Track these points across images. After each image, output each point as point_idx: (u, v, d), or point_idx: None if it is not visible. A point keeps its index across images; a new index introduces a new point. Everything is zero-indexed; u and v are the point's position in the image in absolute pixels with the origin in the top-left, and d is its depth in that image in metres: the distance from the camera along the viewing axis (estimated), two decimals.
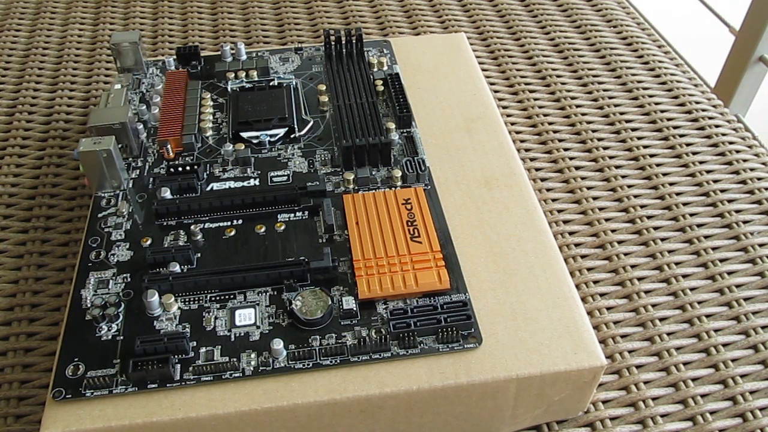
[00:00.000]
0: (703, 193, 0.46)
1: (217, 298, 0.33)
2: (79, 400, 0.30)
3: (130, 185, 0.39)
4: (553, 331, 0.32)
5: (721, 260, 0.42)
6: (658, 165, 0.48)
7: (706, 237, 0.43)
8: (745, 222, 0.44)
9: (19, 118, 0.51)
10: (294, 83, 0.46)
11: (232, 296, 0.33)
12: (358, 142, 0.39)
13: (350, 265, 0.34)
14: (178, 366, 0.31)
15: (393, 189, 0.38)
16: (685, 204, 0.45)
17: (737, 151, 0.49)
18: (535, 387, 0.32)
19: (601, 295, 0.40)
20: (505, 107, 0.52)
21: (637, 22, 0.61)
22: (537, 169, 0.47)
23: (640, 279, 0.41)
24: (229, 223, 0.37)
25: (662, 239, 0.43)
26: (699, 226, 0.44)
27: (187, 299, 0.33)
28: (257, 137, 0.41)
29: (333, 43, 0.47)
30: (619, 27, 0.60)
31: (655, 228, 0.44)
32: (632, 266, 0.42)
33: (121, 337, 0.32)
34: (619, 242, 0.43)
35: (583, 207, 0.45)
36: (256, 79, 0.45)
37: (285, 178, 0.39)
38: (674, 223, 0.44)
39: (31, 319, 0.39)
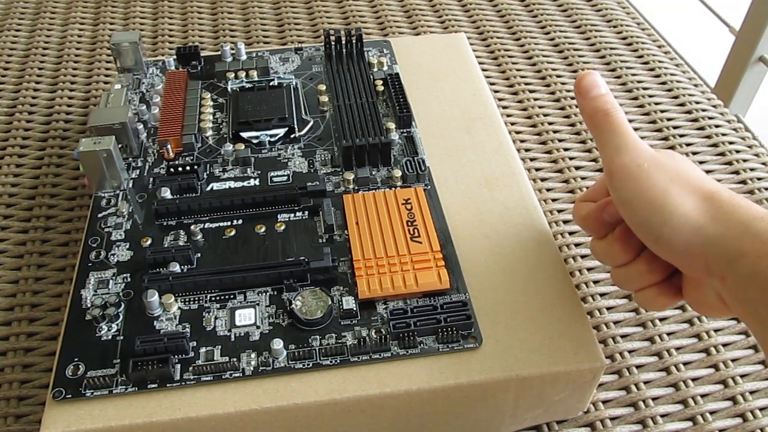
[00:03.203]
0: None
1: (217, 298, 0.33)
2: (79, 400, 0.30)
3: (130, 185, 0.39)
4: (553, 331, 0.32)
5: None
6: None
7: None
8: None
9: (19, 118, 0.51)
10: (294, 83, 0.46)
11: (232, 296, 0.33)
12: (358, 142, 0.39)
13: (350, 265, 0.34)
14: (178, 366, 0.31)
15: (393, 189, 0.38)
16: None
17: (737, 151, 0.49)
18: (535, 387, 0.32)
19: (601, 295, 0.40)
20: (505, 107, 0.52)
21: (637, 22, 0.61)
22: (537, 169, 0.47)
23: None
24: (229, 223, 0.37)
25: None
26: None
27: (187, 299, 0.33)
28: (257, 137, 0.41)
29: (333, 43, 0.47)
30: (619, 27, 0.60)
31: None
32: None
33: (121, 337, 0.32)
34: None
35: None
36: (256, 79, 0.45)
37: (285, 178, 0.39)
38: None
39: (31, 319, 0.39)
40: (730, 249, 0.26)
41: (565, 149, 0.49)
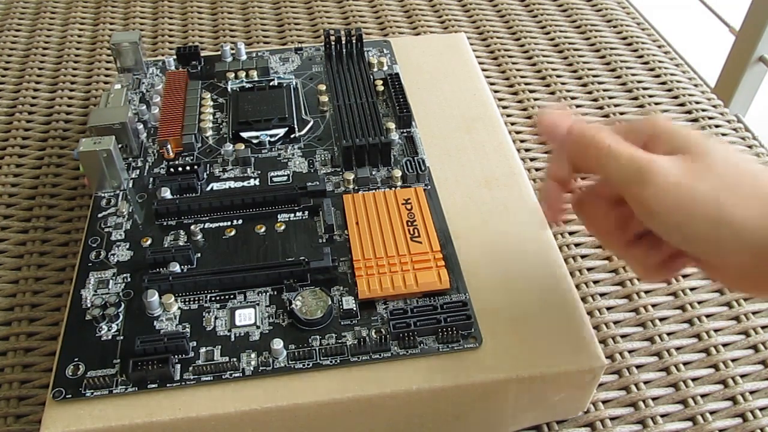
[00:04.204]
0: None
1: (217, 298, 0.33)
2: (79, 400, 0.30)
3: (130, 185, 0.39)
4: (553, 331, 0.32)
5: None
6: None
7: None
8: None
9: (19, 118, 0.51)
10: (294, 83, 0.46)
11: (232, 296, 0.33)
12: (358, 142, 0.39)
13: (350, 265, 0.34)
14: (178, 366, 0.31)
15: (393, 189, 0.38)
16: None
17: None
18: (535, 387, 0.32)
19: (601, 295, 0.40)
20: (505, 107, 0.52)
21: (637, 22, 0.61)
22: (537, 169, 0.47)
23: (639, 279, 0.41)
24: (229, 223, 0.37)
25: None
26: None
27: (187, 299, 0.33)
28: (257, 137, 0.41)
29: (333, 43, 0.47)
30: (619, 27, 0.60)
31: None
32: None
33: (121, 337, 0.32)
34: None
35: None
36: (256, 79, 0.45)
37: (285, 178, 0.39)
38: None
39: (31, 319, 0.39)
40: None
41: None
